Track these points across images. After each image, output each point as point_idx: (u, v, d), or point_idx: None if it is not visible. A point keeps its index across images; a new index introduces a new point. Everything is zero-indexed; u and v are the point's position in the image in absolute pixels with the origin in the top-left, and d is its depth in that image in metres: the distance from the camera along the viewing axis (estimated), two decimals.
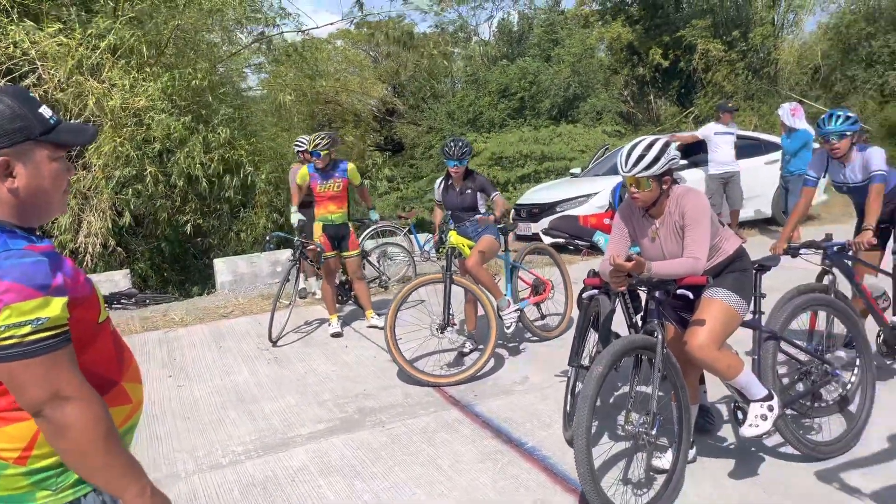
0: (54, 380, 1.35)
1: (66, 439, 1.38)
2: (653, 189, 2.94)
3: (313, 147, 5.91)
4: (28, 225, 1.49)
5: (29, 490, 1.46)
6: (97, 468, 1.42)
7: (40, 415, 1.36)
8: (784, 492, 3.08)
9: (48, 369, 1.35)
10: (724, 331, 2.98)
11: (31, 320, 1.32)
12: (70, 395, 1.37)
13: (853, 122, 4.17)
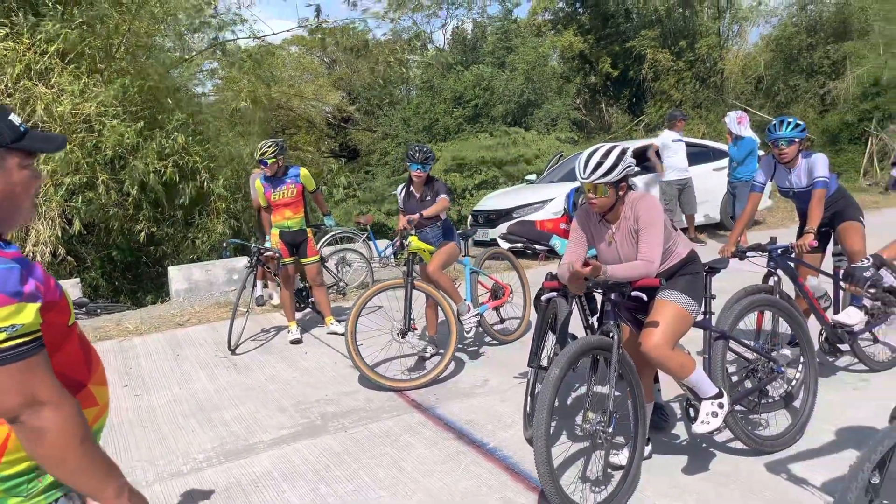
0: (30, 385, 1.36)
1: (43, 444, 1.38)
2: (609, 195, 3.05)
3: (260, 155, 5.92)
4: (4, 233, 1.50)
5: (1, 497, 1.47)
6: (75, 471, 1.43)
7: (17, 420, 1.37)
8: (734, 484, 3.22)
9: (24, 375, 1.35)
10: (677, 331, 3.11)
11: (5, 327, 1.33)
12: (46, 399, 1.37)
13: (802, 130, 4.37)
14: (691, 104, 20.30)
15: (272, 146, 5.95)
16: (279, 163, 5.99)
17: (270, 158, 5.89)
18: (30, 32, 9.10)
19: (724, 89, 21.12)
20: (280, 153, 5.94)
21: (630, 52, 21.22)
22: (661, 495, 3.18)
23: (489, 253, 6.09)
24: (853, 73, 18.68)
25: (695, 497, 3.14)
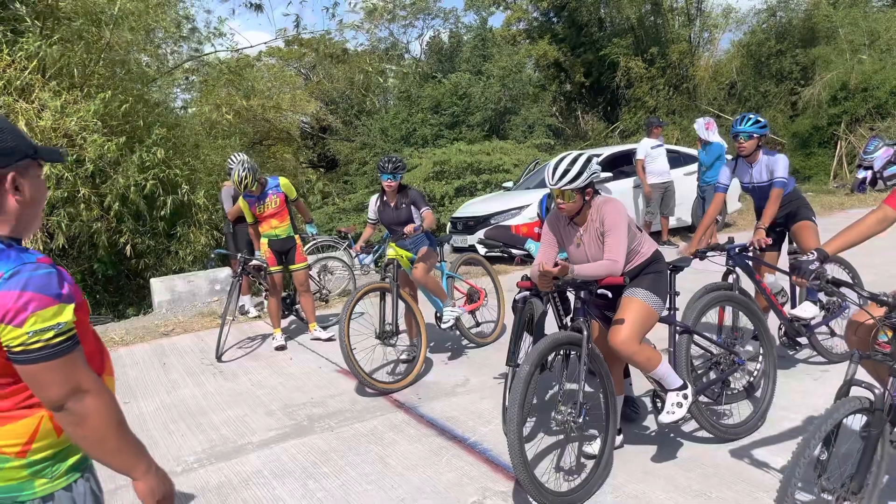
0: (74, 376, 1.53)
1: (85, 427, 1.55)
2: (576, 200, 3.26)
3: (244, 189, 6.05)
4: (21, 237, 1.64)
5: (28, 479, 1.62)
6: (112, 451, 1.60)
7: (63, 408, 1.53)
8: (701, 469, 3.43)
9: (69, 368, 1.53)
10: (643, 327, 3.32)
11: (52, 325, 1.50)
12: (88, 388, 1.55)
13: (761, 126, 4.67)
14: (665, 110, 20.69)
15: (247, 174, 5.96)
16: (260, 181, 6.14)
17: (253, 186, 6.05)
18: (9, 49, 9.17)
19: (696, 95, 21.55)
20: (256, 175, 6.07)
21: (604, 60, 21.61)
22: (631, 480, 3.38)
23: (464, 258, 6.29)
24: (821, 77, 19.20)
25: (663, 480, 3.35)
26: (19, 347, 1.47)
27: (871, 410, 2.47)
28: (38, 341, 1.48)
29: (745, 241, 4.49)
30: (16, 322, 1.46)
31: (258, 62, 20.99)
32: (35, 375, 1.50)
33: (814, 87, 19.26)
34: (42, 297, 1.49)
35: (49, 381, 1.50)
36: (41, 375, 1.50)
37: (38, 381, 1.51)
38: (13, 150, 1.56)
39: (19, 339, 1.47)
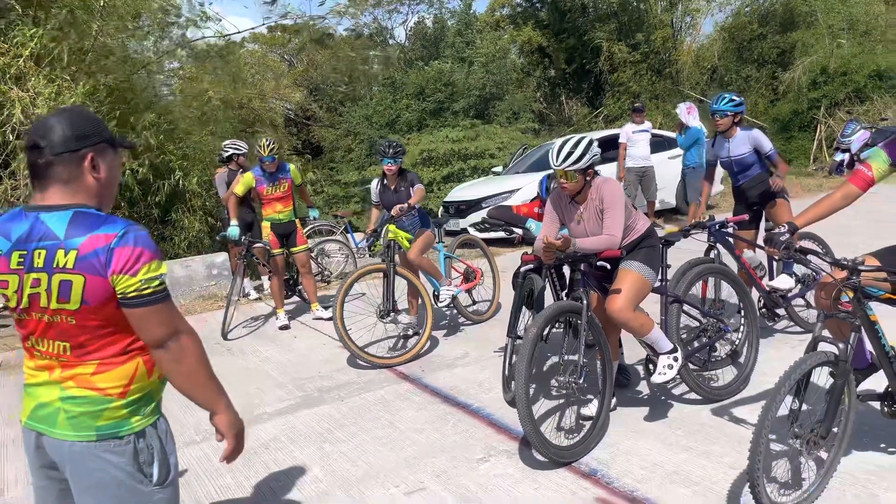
0: (173, 319, 1.84)
1: (183, 363, 1.85)
2: (578, 180, 3.54)
3: (268, 152, 6.26)
4: (104, 211, 1.90)
5: (126, 417, 1.89)
6: (202, 385, 1.90)
7: (164, 346, 1.82)
8: (688, 427, 3.73)
9: (169, 311, 1.83)
10: (638, 296, 3.60)
11: (159, 275, 1.80)
12: (183, 329, 1.86)
13: (736, 105, 5.07)
14: (648, 95, 20.96)
15: (274, 143, 6.30)
16: (277, 160, 6.38)
17: (277, 154, 6.29)
18: (2, 37, 9.25)
19: (679, 80, 21.87)
20: (280, 149, 6.34)
21: (587, 46, 21.82)
22: (624, 438, 3.68)
23: (461, 240, 6.55)
24: (802, 62, 19.59)
25: (653, 437, 3.65)
26: (133, 293, 1.76)
27: (835, 363, 2.77)
28: (148, 288, 1.77)
29: (724, 218, 4.82)
30: (132, 272, 1.75)
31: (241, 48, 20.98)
32: (145, 318, 1.79)
33: (794, 71, 19.65)
34: (149, 252, 1.78)
35: (156, 323, 1.80)
36: (150, 317, 1.79)
37: (147, 322, 1.79)
38: (90, 135, 1.84)
39: (134, 286, 1.76)
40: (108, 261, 1.73)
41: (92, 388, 1.84)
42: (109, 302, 1.77)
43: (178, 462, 2.02)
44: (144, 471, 1.90)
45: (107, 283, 1.75)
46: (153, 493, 1.92)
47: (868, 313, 2.86)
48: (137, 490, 1.89)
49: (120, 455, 1.87)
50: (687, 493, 3.08)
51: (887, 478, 3.04)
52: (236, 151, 7.76)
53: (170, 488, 1.97)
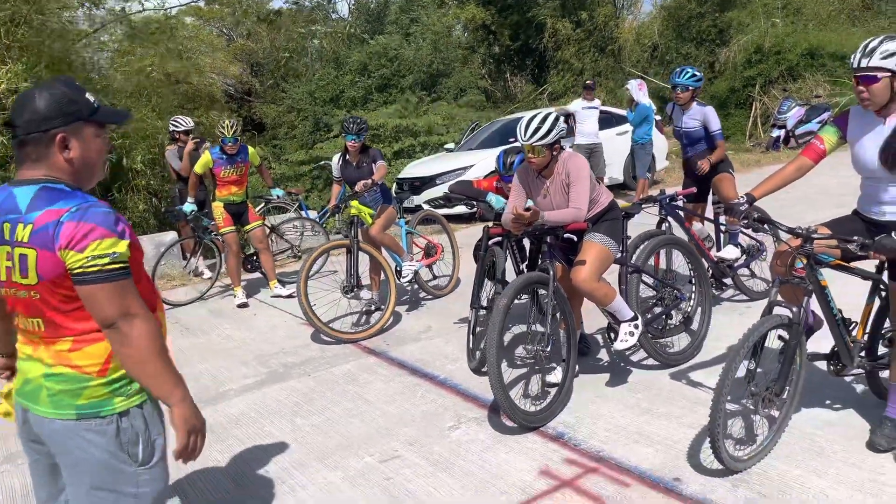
0: (125, 300, 1.77)
1: (131, 347, 1.78)
2: (545, 155, 3.64)
3: (231, 133, 6.22)
4: (82, 188, 1.88)
5: (108, 397, 1.88)
6: (152, 374, 1.82)
7: (113, 327, 1.77)
8: (647, 391, 3.92)
9: (120, 292, 1.77)
10: (602, 267, 3.74)
11: (109, 253, 1.75)
12: (136, 312, 1.79)
13: (697, 80, 5.29)
14: (591, 73, 21.25)
15: (237, 125, 6.27)
16: (239, 142, 6.33)
17: (239, 136, 6.26)
18: None
19: (621, 58, 22.23)
20: (240, 132, 6.30)
21: (531, 23, 21.93)
22: (588, 402, 3.85)
23: (422, 215, 6.62)
24: (737, 40, 20.15)
25: (614, 401, 3.83)
26: (79, 269, 1.72)
27: (789, 325, 2.96)
28: (95, 265, 1.73)
29: (673, 191, 5.03)
30: (78, 248, 1.72)
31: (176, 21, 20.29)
32: (91, 295, 1.75)
33: (730, 49, 20.21)
34: (101, 229, 1.74)
35: (102, 301, 1.75)
36: (95, 295, 1.75)
37: (93, 300, 1.75)
38: (63, 114, 1.80)
39: (79, 263, 1.72)
40: (56, 235, 1.72)
41: (70, 364, 1.84)
42: (65, 277, 1.75)
43: (165, 443, 2.01)
44: (129, 451, 1.90)
45: (56, 257, 1.73)
46: (138, 474, 1.93)
47: (819, 279, 3.06)
48: (120, 470, 1.90)
49: (101, 435, 1.87)
50: (649, 452, 3.26)
51: (832, 432, 3.28)
52: (175, 128, 7.65)
53: (156, 469, 1.98)
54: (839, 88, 16.54)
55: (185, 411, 1.87)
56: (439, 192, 9.19)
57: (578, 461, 3.24)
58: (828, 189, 8.39)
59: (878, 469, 2.93)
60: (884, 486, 2.81)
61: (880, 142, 2.92)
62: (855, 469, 2.95)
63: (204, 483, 3.36)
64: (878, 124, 2.96)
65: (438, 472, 3.26)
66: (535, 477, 3.14)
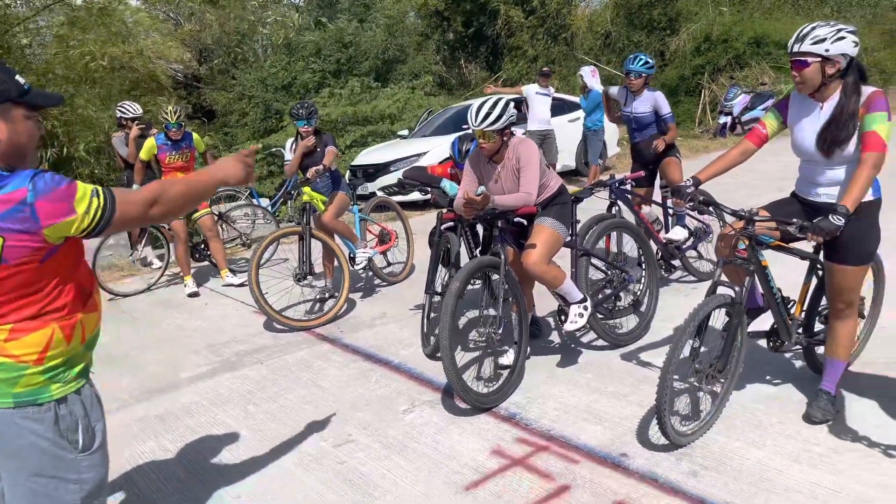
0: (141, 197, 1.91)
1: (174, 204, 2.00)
2: (496, 140, 3.68)
3: (175, 119, 6.12)
4: (19, 168, 1.82)
5: (45, 384, 1.86)
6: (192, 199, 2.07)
7: (149, 216, 1.95)
8: (597, 371, 4.02)
9: (129, 198, 1.90)
10: (551, 250, 3.80)
11: (89, 200, 1.78)
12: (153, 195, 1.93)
13: (649, 67, 5.41)
14: (545, 60, 21.38)
15: (180, 111, 6.21)
16: (183, 128, 6.22)
17: (183, 122, 6.19)
18: None
19: (574, 45, 22.42)
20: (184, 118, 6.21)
21: (485, 9, 21.95)
22: (540, 383, 3.92)
23: (376, 201, 6.61)
24: (686, 29, 20.53)
25: (565, 381, 3.91)
26: (88, 226, 1.77)
27: (732, 304, 3.07)
28: (97, 214, 1.78)
29: (622, 176, 5.13)
30: (69, 214, 1.74)
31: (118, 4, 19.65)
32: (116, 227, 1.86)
33: (679, 37, 20.58)
34: (65, 186, 1.76)
35: (130, 218, 1.88)
36: (120, 225, 1.86)
37: (121, 225, 1.88)
38: None
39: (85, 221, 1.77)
40: (35, 216, 1.69)
41: (6, 354, 1.81)
42: (33, 257, 1.74)
43: (105, 428, 2.02)
44: (68, 438, 1.89)
45: (40, 236, 1.71)
46: (79, 461, 1.92)
47: (760, 259, 3.17)
48: (61, 457, 1.88)
49: (39, 422, 1.85)
50: (598, 430, 3.34)
51: (770, 405, 3.41)
52: (122, 115, 7.47)
53: (97, 454, 1.97)
54: (784, 76, 16.98)
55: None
56: (394, 178, 9.18)
57: (529, 440, 3.31)
58: (769, 174, 8.63)
59: (811, 439, 3.06)
60: (818, 455, 2.94)
61: (817, 125, 3.03)
62: (791, 440, 3.08)
63: (155, 473, 3.32)
64: (816, 108, 3.06)
65: (392, 455, 3.28)
66: (487, 457, 3.19)
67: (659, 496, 2.77)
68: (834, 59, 2.88)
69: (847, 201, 2.80)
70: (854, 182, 2.84)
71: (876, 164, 2.82)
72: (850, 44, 2.86)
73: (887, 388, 3.48)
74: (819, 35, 2.89)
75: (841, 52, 2.87)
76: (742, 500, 2.69)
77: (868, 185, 2.86)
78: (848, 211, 2.78)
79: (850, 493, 2.67)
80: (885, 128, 2.82)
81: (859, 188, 2.82)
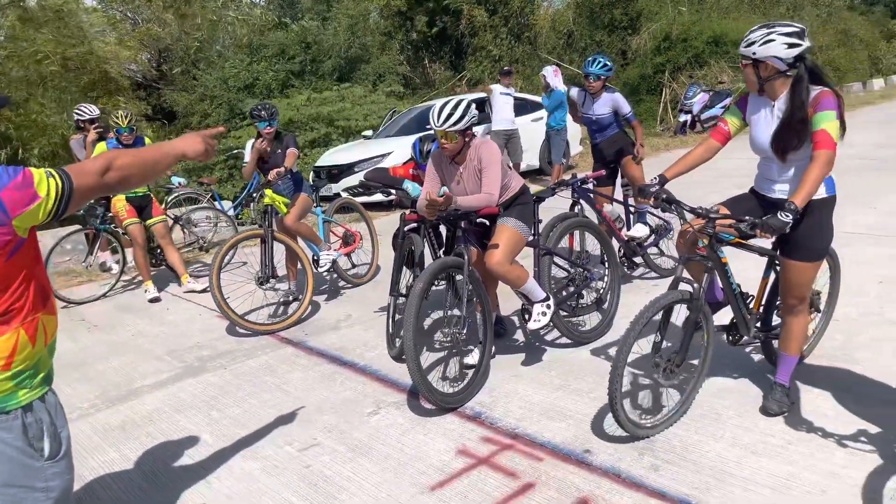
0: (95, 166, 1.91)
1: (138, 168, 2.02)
2: (458, 141, 3.69)
3: (126, 123, 6.04)
4: None
5: (13, 391, 1.84)
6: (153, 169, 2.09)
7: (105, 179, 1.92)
8: (560, 368, 4.06)
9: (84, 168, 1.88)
10: (514, 250, 3.83)
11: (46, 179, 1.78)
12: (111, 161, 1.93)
13: (608, 69, 5.45)
14: (508, 60, 21.49)
15: (131, 115, 6.13)
16: (135, 132, 6.14)
17: (134, 127, 6.13)
18: None
19: (537, 45, 22.57)
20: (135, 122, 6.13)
21: (448, 9, 21.98)
22: (504, 382, 3.95)
23: (340, 203, 6.58)
24: (647, 28, 20.81)
25: (529, 379, 3.94)
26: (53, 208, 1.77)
27: (690, 300, 3.12)
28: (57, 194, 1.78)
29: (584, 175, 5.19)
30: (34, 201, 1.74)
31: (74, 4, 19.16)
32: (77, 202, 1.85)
33: (640, 37, 20.86)
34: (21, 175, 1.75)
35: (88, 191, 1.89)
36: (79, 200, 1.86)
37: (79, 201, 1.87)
38: None
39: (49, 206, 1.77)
40: (3, 210, 1.69)
41: None
42: (1, 253, 1.72)
43: (70, 435, 2.00)
44: (35, 446, 1.87)
45: (9, 227, 1.71)
46: (45, 469, 1.90)
47: (720, 256, 3.23)
48: (29, 465, 1.86)
49: (8, 431, 1.83)
50: (562, 427, 3.38)
51: (728, 397, 3.49)
52: (80, 117, 7.33)
53: (62, 462, 1.96)
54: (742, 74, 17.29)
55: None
56: (357, 179, 9.14)
57: (494, 439, 3.33)
58: (728, 172, 8.79)
59: (768, 431, 3.14)
60: (774, 446, 3.01)
61: (772, 123, 3.10)
62: (748, 432, 3.15)
63: (117, 483, 3.27)
64: (769, 106, 3.14)
65: (357, 458, 3.28)
66: (452, 456, 3.20)
67: (622, 491, 2.81)
68: (764, 62, 2.96)
69: (797, 198, 2.87)
70: (805, 179, 2.90)
71: (826, 161, 2.89)
72: (781, 46, 2.92)
73: (841, 380, 3.58)
74: (750, 38, 2.99)
75: (770, 54, 2.95)
76: (701, 492, 2.74)
77: (818, 183, 2.92)
78: (797, 208, 2.84)
79: (804, 482, 2.74)
80: (834, 125, 2.89)
81: (809, 186, 2.89)
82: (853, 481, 2.71)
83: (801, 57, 2.96)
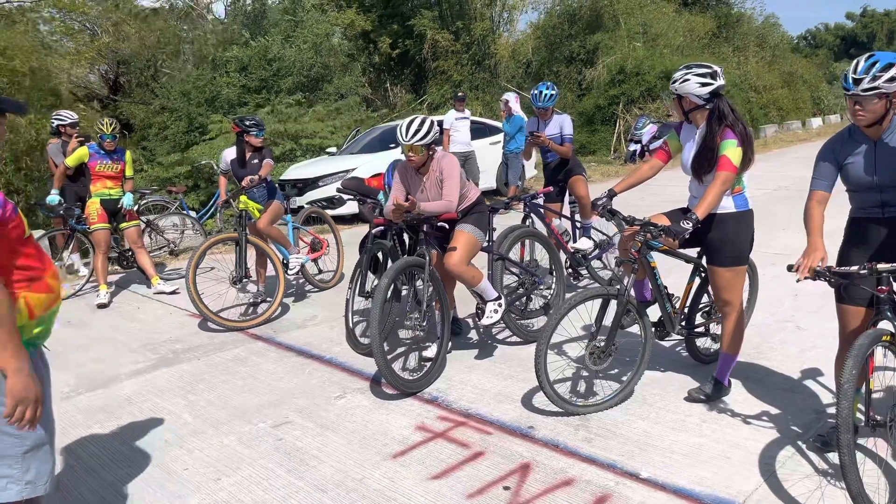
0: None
1: None
2: (423, 154, 4.15)
3: (111, 130, 6.38)
4: None
5: None
6: None
7: None
8: (510, 362, 4.50)
9: None
10: (471, 253, 4.28)
11: None
12: None
13: (553, 99, 5.97)
14: (469, 85, 22.17)
15: (114, 123, 6.42)
16: (117, 141, 6.47)
17: (117, 135, 6.44)
18: None
19: (497, 72, 23.32)
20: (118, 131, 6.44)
21: (411, 32, 22.55)
22: (459, 372, 4.37)
23: (308, 212, 6.97)
24: (603, 61, 21.76)
25: (482, 370, 4.38)
26: None
27: (616, 296, 3.61)
28: None
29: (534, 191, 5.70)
30: None
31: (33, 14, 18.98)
32: None
33: (596, 69, 21.78)
34: None
35: None
36: None
37: None
38: None
39: None
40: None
41: None
42: None
43: (50, 394, 2.24)
44: None
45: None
46: None
47: (649, 260, 3.72)
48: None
49: None
50: (510, 408, 3.81)
51: (654, 386, 3.98)
52: (60, 122, 7.57)
53: None
54: None
55: (15, 383, 1.96)
56: (322, 193, 9.51)
57: (450, 417, 3.75)
58: (674, 197, 9.45)
59: (686, 412, 3.63)
60: (691, 424, 3.50)
61: (692, 147, 3.63)
62: (670, 413, 3.63)
63: (102, 451, 3.57)
64: (694, 132, 3.68)
65: (326, 432, 3.65)
66: (412, 431, 3.61)
67: (559, 458, 3.25)
68: (685, 97, 3.51)
69: (698, 210, 3.40)
70: (705, 194, 3.44)
71: (724, 180, 3.43)
72: (695, 85, 3.48)
73: (753, 373, 4.11)
74: (673, 77, 3.55)
75: (687, 91, 3.51)
76: (626, 458, 3.20)
77: (718, 197, 3.44)
78: (697, 218, 3.37)
79: (712, 450, 3.23)
80: (735, 152, 3.43)
81: (710, 199, 3.41)
82: (754, 449, 3.21)
83: (716, 93, 3.50)
